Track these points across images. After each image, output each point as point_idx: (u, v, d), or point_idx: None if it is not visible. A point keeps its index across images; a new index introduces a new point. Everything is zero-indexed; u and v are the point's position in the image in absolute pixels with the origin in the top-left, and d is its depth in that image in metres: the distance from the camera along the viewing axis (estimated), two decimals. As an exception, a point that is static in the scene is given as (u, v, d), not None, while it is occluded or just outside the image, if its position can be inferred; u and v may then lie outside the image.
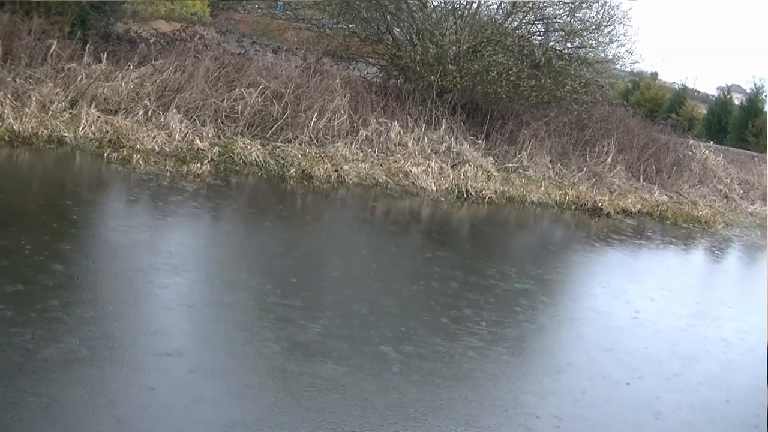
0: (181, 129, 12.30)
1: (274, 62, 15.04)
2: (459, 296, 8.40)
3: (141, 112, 12.51)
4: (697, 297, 11.14)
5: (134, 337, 5.75)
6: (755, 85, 35.22)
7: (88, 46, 13.43)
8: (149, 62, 13.87)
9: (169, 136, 12.10)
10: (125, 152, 11.17)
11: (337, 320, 6.85)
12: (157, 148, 11.72)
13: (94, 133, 11.55)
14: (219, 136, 12.81)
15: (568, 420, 5.81)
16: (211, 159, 11.92)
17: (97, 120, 11.78)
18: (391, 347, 6.43)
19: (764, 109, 33.64)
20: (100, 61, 13.26)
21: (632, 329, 8.47)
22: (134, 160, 10.98)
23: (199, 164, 11.37)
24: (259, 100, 13.63)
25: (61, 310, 5.85)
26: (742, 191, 20.41)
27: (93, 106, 12.06)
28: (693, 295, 11.21)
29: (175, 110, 12.70)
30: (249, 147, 12.51)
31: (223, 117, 13.26)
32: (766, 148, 29.12)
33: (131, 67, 13.42)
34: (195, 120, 12.81)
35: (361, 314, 7.17)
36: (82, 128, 11.51)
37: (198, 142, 12.17)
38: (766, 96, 34.72)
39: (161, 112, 12.66)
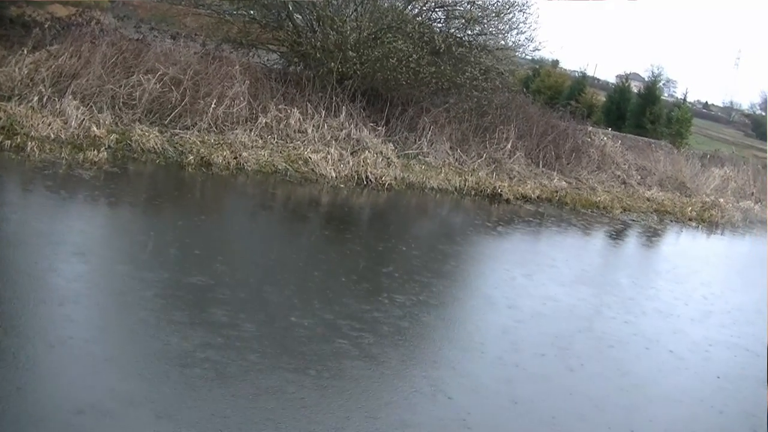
0: (77, 116, 12.08)
1: (172, 48, 14.84)
2: (358, 282, 8.48)
3: (36, 98, 12.28)
4: (581, 270, 11.44)
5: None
6: (653, 73, 35.94)
7: (-21, 30, 13.17)
8: (44, 47, 13.62)
9: (65, 123, 11.89)
10: (19, 140, 10.94)
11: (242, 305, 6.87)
12: (52, 136, 11.49)
13: (-15, 120, 11.32)
14: (116, 123, 12.63)
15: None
16: (109, 146, 11.73)
17: (-10, 106, 11.56)
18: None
19: (661, 97, 34.28)
20: (-7, 46, 13.02)
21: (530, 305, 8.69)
22: (29, 148, 10.77)
23: (96, 152, 11.20)
24: (158, 86, 13.47)
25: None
26: (639, 177, 20.77)
27: (-16, 92, 11.85)
28: (574, 266, 11.50)
29: (71, 97, 12.49)
30: (147, 134, 12.36)
31: (121, 104, 13.09)
32: (669, 135, 29.81)
33: (25, 52, 13.18)
34: (92, 107, 12.61)
35: (260, 301, 7.19)
36: (-27, 115, 11.28)
37: (95, 129, 11.99)
38: (663, 84, 35.39)
39: (57, 99, 12.43)
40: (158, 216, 9.92)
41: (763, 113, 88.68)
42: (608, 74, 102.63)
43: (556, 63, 43.80)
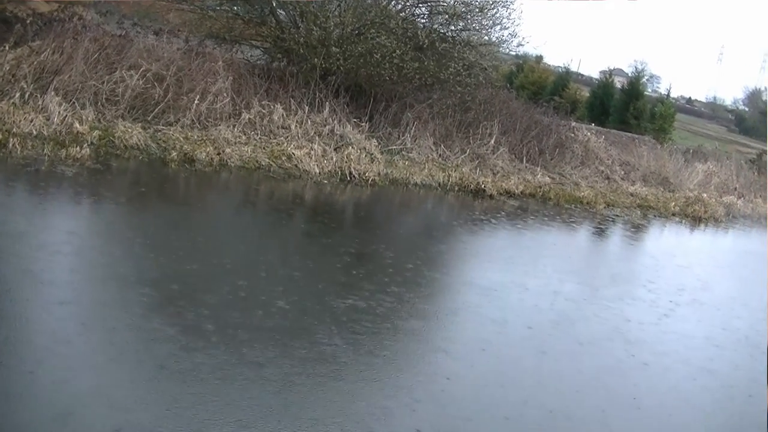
0: (59, 112, 12.03)
1: (155, 44, 14.79)
2: (344, 277, 8.50)
3: (18, 94, 12.24)
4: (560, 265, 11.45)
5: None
6: (637, 69, 36.02)
7: (-40, 26, 13.11)
8: (26, 43, 13.56)
9: (48, 120, 11.83)
10: (1, 136, 10.89)
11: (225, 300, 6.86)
12: (34, 132, 11.43)
13: (-33, 117, 11.28)
14: (99, 119, 12.59)
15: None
16: (91, 143, 11.69)
17: (-29, 103, 11.52)
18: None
19: (645, 92, 34.37)
20: (-26, 43, 12.96)
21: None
22: (11, 144, 10.72)
23: (78, 148, 11.16)
24: (141, 82, 13.44)
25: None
26: (623, 172, 20.82)
27: (-34, 88, 11.80)
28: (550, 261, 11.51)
29: (53, 93, 12.43)
30: (130, 130, 12.33)
31: (104, 100, 13.05)
32: (652, 130, 29.89)
33: (7, 48, 13.12)
34: (74, 103, 12.56)
35: (245, 295, 7.20)
36: (-45, 111, 11.24)
37: (77, 125, 11.94)
38: (647, 80, 35.49)
39: (39, 95, 12.38)
40: (140, 213, 9.89)
41: (746, 108, 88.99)
42: (592, 70, 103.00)
43: (539, 58, 43.87)
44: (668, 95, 39.70)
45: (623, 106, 31.89)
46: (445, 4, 17.10)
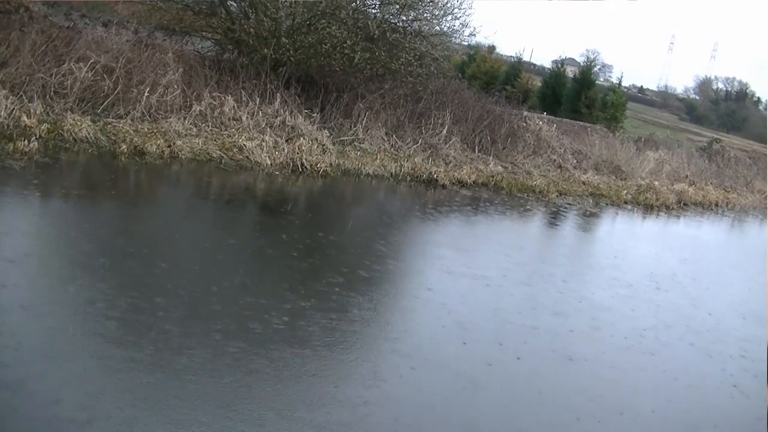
0: (6, 105, 11.85)
1: (104, 36, 14.64)
2: (298, 266, 8.50)
3: (-37, 88, 12.11)
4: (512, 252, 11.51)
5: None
6: (588, 58, 36.32)
7: None
8: (-30, 36, 13.41)
9: (-6, 113, 11.72)
10: (-55, 131, 10.79)
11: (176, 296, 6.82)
12: (-20, 126, 11.33)
13: None
14: (48, 112, 12.43)
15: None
16: (40, 136, 11.53)
17: None
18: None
19: (596, 82, 34.63)
20: None
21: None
22: (-44, 139, 10.62)
23: (26, 142, 11.00)
24: (89, 75, 13.30)
25: None
26: (575, 161, 20.94)
27: None
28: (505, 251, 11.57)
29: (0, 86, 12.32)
30: (79, 123, 12.19)
31: (52, 93, 12.90)
32: (604, 119, 30.08)
33: (-49, 40, 12.98)
34: (21, 96, 12.40)
35: (199, 291, 7.17)
36: None
37: (25, 118, 11.78)
38: (598, 69, 35.74)
39: (-15, 88, 12.26)
40: (89, 208, 9.80)
41: (697, 97, 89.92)
42: (544, 59, 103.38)
43: (492, 49, 44.08)
44: (620, 84, 40.13)
45: (575, 95, 32.13)
46: (396, -7, 17.07)
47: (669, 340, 9.15)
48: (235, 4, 16.71)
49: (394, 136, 16.56)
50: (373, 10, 17.44)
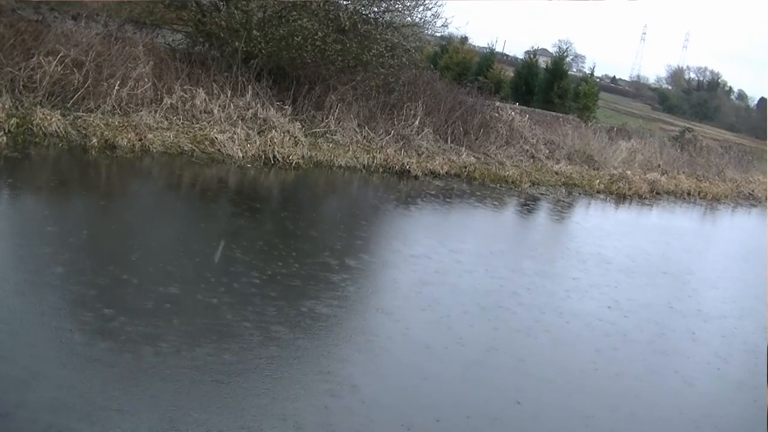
0: (-26, 100, 11.85)
1: (73, 29, 14.52)
2: (270, 257, 8.51)
3: (-70, 83, 12.02)
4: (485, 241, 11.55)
5: None
6: (561, 48, 36.46)
7: None
8: (-63, 30, 13.31)
9: (-38, 108, 11.64)
10: None
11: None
12: (-52, 121, 11.25)
13: None
14: (16, 106, 12.34)
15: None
16: (9, 131, 11.46)
17: None
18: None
19: (569, 72, 34.75)
20: None
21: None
22: None
23: (-5, 136, 11.00)
24: (59, 68, 13.20)
25: None
26: (548, 151, 20.98)
27: None
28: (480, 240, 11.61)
29: (-33, 81, 12.24)
30: (49, 117, 12.13)
31: (21, 87, 12.80)
32: (576, 109, 30.19)
33: None
34: (-10, 91, 12.37)
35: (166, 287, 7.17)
36: None
37: (-7, 113, 11.76)
38: (571, 59, 35.86)
39: (-48, 83, 12.18)
40: (59, 203, 9.76)
41: (669, 87, 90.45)
42: (517, 50, 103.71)
43: (464, 40, 44.15)
44: (592, 74, 40.34)
45: (547, 85, 32.23)
46: (367, -17, 17.06)
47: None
48: (206, -3, 16.64)
49: (366, 127, 16.54)
50: (345, 2, 17.41)
